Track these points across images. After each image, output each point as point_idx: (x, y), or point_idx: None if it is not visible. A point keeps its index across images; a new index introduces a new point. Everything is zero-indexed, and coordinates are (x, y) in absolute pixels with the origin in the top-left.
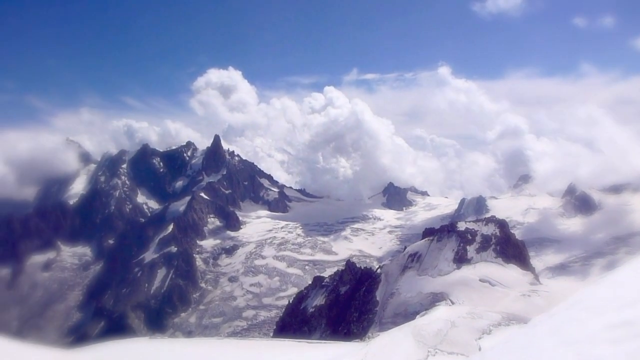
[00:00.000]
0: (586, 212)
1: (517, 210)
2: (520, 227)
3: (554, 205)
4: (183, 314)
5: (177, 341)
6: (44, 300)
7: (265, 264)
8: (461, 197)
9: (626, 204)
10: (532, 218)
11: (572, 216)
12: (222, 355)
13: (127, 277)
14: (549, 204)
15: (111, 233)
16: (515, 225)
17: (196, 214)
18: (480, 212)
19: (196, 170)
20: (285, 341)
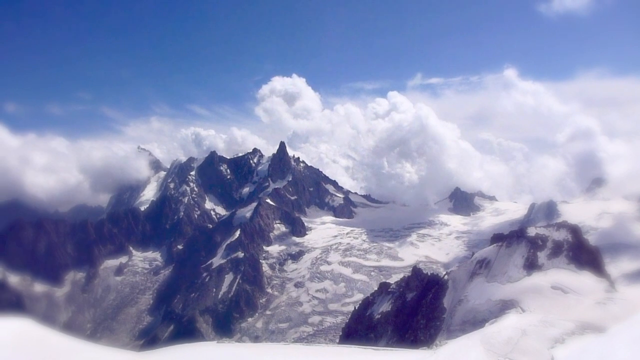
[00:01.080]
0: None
1: (590, 215)
2: (593, 233)
3: (629, 210)
4: (250, 319)
5: (244, 346)
6: (117, 303)
7: (331, 270)
8: (530, 202)
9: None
10: (606, 223)
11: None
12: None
13: (196, 282)
14: (624, 208)
15: (180, 238)
16: (588, 231)
17: (262, 220)
18: (551, 217)
19: (262, 177)
20: (351, 348)
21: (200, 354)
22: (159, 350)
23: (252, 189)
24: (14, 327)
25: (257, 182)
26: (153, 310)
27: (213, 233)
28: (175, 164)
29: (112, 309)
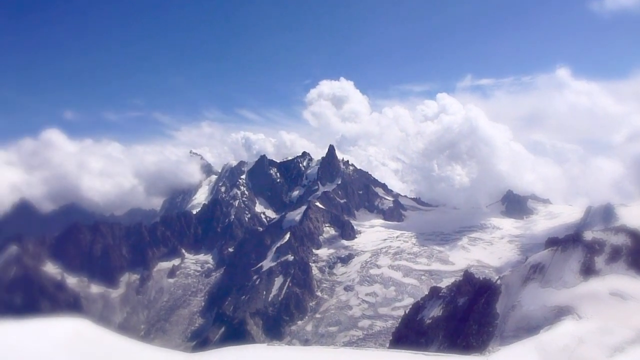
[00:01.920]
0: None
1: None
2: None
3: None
4: (300, 322)
5: (293, 349)
6: (170, 305)
7: (381, 274)
8: (586, 205)
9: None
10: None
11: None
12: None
13: (246, 285)
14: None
15: (231, 241)
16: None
17: (312, 223)
18: (608, 221)
19: (312, 180)
20: (401, 353)
21: (250, 356)
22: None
23: (302, 192)
24: (72, 327)
25: (307, 185)
26: (205, 312)
27: (263, 236)
28: (226, 167)
29: (165, 310)
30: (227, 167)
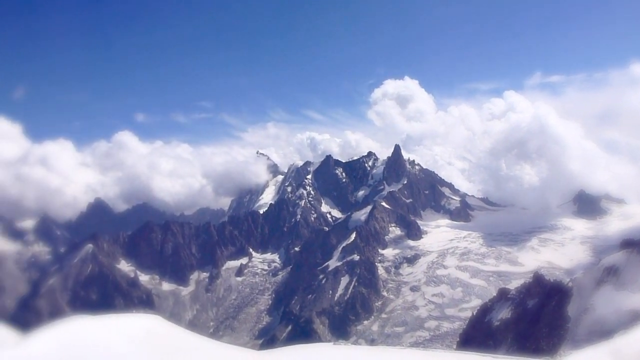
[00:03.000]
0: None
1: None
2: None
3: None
4: (366, 322)
5: (360, 348)
6: (238, 303)
7: (448, 274)
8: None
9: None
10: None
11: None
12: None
13: (313, 284)
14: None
15: (297, 241)
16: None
17: (378, 223)
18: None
19: (377, 180)
20: (470, 354)
21: (317, 355)
22: (278, 350)
23: (367, 192)
24: (145, 323)
25: (372, 185)
26: (272, 310)
27: (329, 236)
28: (292, 168)
29: (233, 308)
30: (293, 167)
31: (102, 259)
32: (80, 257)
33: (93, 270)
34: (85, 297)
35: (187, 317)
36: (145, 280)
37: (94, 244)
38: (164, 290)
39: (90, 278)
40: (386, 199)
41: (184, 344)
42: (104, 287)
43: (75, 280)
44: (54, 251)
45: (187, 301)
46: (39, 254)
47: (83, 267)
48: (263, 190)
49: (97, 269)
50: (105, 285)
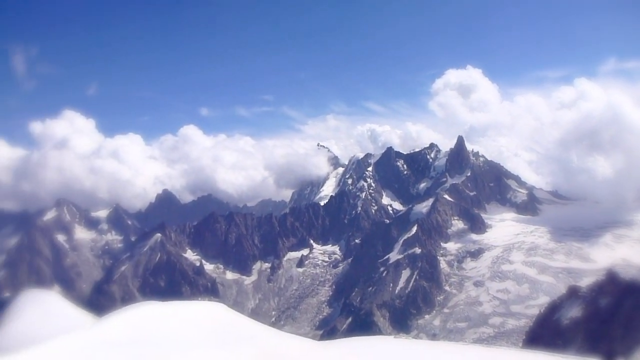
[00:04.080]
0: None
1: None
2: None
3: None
4: (427, 316)
5: (421, 343)
6: (299, 293)
7: (514, 270)
8: None
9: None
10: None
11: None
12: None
13: (373, 276)
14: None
15: (358, 233)
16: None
17: (440, 216)
18: None
19: (440, 172)
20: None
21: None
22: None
23: (429, 185)
24: (210, 310)
25: (435, 177)
26: (332, 301)
27: (390, 228)
28: (352, 160)
29: (294, 298)
30: (353, 160)
31: (169, 248)
32: (150, 245)
33: (161, 258)
34: (154, 284)
35: (249, 305)
36: (210, 269)
37: (162, 234)
38: (227, 279)
39: (159, 266)
40: (449, 192)
41: (247, 332)
42: (171, 275)
43: (145, 267)
44: (125, 240)
45: (249, 290)
46: (112, 242)
47: (152, 255)
48: (324, 182)
49: (165, 257)
50: (172, 273)
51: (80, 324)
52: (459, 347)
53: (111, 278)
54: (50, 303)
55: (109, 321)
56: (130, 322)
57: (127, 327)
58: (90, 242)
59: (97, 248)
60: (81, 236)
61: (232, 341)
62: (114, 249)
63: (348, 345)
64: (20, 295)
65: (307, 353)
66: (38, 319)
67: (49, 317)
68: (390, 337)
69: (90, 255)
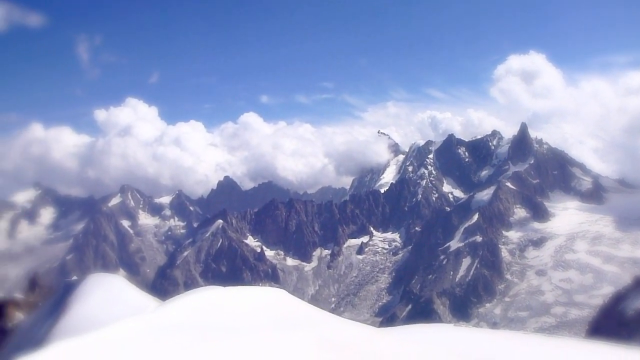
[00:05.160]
0: None
1: None
2: None
3: None
4: (488, 305)
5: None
6: (358, 280)
7: (577, 259)
8: None
9: None
10: None
11: None
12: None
13: (433, 264)
14: None
15: (418, 220)
16: None
17: (502, 204)
18: None
19: (502, 160)
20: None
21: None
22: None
23: (491, 172)
24: (271, 296)
25: (497, 164)
26: (392, 289)
27: (450, 216)
28: (413, 147)
29: (354, 285)
30: (414, 147)
31: (231, 234)
32: (212, 232)
33: (223, 244)
34: (215, 269)
35: (309, 292)
36: (271, 255)
37: (224, 220)
38: (288, 266)
39: (220, 252)
40: (511, 179)
41: (308, 318)
42: (232, 261)
43: (207, 253)
44: (187, 225)
45: (309, 277)
46: (175, 228)
47: (214, 241)
48: (384, 169)
49: (227, 243)
50: (233, 259)
51: (145, 307)
52: (521, 336)
53: (174, 263)
54: (116, 286)
55: (173, 305)
56: (194, 306)
57: (190, 310)
58: (154, 227)
59: (160, 234)
60: (145, 222)
61: (293, 327)
62: (177, 235)
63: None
64: (87, 279)
65: (367, 339)
66: (104, 301)
67: (114, 300)
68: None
69: (154, 240)
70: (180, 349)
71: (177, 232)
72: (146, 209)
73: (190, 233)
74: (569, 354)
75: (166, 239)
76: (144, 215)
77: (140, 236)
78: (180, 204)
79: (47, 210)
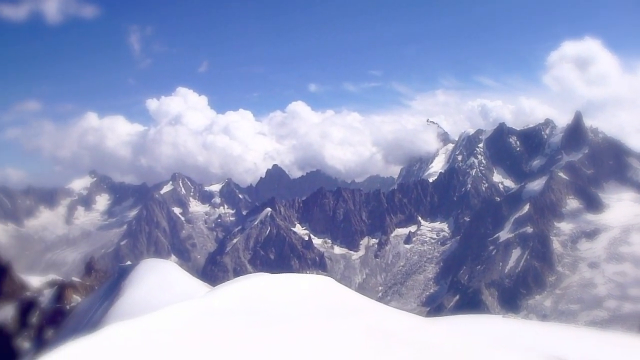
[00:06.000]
0: None
1: None
2: None
3: None
4: (538, 297)
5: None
6: (406, 270)
7: (632, 252)
8: None
9: None
10: None
11: None
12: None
13: (482, 255)
14: None
15: (467, 210)
16: None
17: (554, 195)
18: None
19: (554, 149)
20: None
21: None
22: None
23: (543, 162)
24: (318, 284)
25: (549, 154)
26: (439, 279)
27: (500, 206)
28: (463, 136)
29: (401, 274)
30: (464, 136)
31: (279, 222)
32: (260, 219)
33: (271, 232)
34: (264, 256)
35: (356, 280)
36: (318, 244)
37: (272, 208)
38: (335, 254)
39: (269, 239)
40: (564, 169)
41: (355, 306)
42: (280, 248)
43: (256, 240)
44: (237, 213)
45: (357, 265)
46: (224, 216)
47: (262, 229)
48: (433, 158)
49: (275, 231)
50: (282, 247)
51: (195, 292)
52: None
53: (224, 250)
54: (168, 272)
55: (223, 291)
56: (243, 292)
57: (240, 297)
58: (204, 215)
59: (210, 221)
60: (195, 209)
61: (340, 314)
62: (226, 222)
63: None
64: (140, 264)
65: (414, 328)
66: (156, 286)
67: (166, 284)
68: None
69: (204, 227)
70: (229, 334)
71: (226, 219)
72: (197, 197)
73: (239, 221)
74: (622, 349)
75: (216, 226)
76: (195, 202)
77: (191, 223)
78: (229, 192)
79: (102, 197)
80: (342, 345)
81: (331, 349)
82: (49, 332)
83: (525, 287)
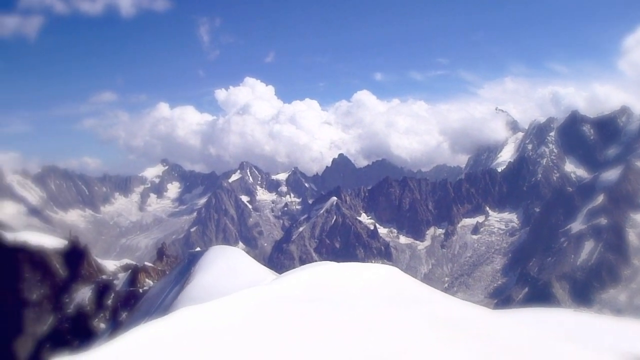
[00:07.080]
0: None
1: None
2: None
3: None
4: (612, 291)
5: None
6: (473, 260)
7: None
8: None
9: None
10: None
11: None
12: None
13: (553, 246)
14: None
15: (537, 201)
16: None
17: (630, 185)
18: None
19: (631, 137)
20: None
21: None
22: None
23: (619, 151)
24: (384, 273)
25: (626, 143)
26: (507, 270)
27: (573, 197)
28: (533, 124)
29: (468, 265)
30: (534, 124)
31: (345, 211)
32: (326, 208)
33: (337, 221)
34: (330, 245)
35: (422, 270)
36: (384, 233)
37: (338, 197)
38: (401, 244)
39: (335, 228)
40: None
41: (421, 296)
42: (346, 237)
43: (322, 229)
44: (303, 202)
45: (422, 255)
46: (291, 204)
47: (328, 217)
48: (502, 147)
49: (341, 220)
50: (347, 236)
51: (262, 279)
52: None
53: (290, 238)
54: (236, 258)
55: (289, 278)
56: (309, 280)
57: (306, 284)
58: (271, 203)
59: (277, 209)
60: (263, 197)
61: (406, 304)
62: (293, 211)
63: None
64: (210, 250)
65: (481, 320)
66: (225, 272)
67: (234, 271)
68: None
69: (271, 215)
70: (295, 321)
71: (292, 208)
72: (264, 185)
73: (305, 209)
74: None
75: (282, 215)
76: (262, 191)
77: (258, 211)
78: (296, 180)
79: (173, 185)
80: (406, 334)
81: (395, 337)
82: (123, 314)
83: (599, 280)
